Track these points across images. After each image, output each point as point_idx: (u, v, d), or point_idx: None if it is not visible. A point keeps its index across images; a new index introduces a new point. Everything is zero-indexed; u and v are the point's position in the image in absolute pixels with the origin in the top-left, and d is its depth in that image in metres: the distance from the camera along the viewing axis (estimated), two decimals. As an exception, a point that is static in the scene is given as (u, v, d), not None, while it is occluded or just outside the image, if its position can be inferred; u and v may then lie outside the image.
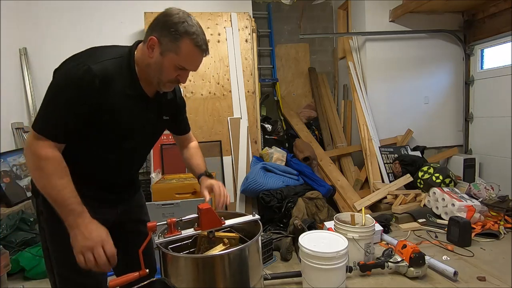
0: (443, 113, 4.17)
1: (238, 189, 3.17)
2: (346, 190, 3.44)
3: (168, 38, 1.00)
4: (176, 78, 1.08)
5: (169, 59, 1.02)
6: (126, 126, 1.08)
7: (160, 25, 1.02)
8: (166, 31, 1.00)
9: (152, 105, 1.15)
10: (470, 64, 4.08)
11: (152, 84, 1.09)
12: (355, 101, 3.99)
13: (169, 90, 1.15)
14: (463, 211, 2.74)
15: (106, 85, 0.97)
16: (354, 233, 2.12)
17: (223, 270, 1.04)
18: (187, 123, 1.43)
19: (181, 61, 1.03)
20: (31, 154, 0.95)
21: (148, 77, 1.07)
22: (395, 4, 3.89)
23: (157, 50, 1.02)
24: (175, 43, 1.00)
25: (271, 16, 4.48)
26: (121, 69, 1.02)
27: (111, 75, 0.99)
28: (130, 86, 1.05)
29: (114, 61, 1.01)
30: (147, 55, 1.04)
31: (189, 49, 1.02)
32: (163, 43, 1.01)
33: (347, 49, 4.24)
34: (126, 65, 1.04)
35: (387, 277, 2.08)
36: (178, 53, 1.01)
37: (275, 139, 3.89)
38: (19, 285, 2.18)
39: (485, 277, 2.03)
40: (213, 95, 3.30)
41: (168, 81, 1.07)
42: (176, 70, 1.05)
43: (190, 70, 1.09)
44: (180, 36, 1.00)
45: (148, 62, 1.04)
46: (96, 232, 0.96)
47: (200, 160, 1.39)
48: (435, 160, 3.93)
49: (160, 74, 1.05)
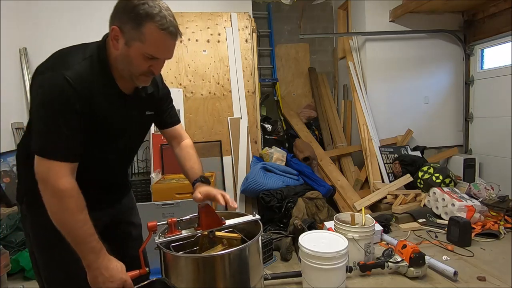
0: (443, 113, 4.17)
1: (238, 189, 3.16)
2: (346, 190, 3.44)
3: (129, 25, 0.89)
4: (149, 70, 0.97)
5: (135, 48, 0.92)
6: (110, 126, 1.02)
7: (119, 12, 0.91)
8: (126, 17, 0.89)
9: (133, 102, 1.07)
10: (470, 64, 4.08)
11: (126, 77, 1.00)
12: (355, 101, 3.99)
13: (146, 84, 1.04)
14: (463, 211, 2.74)
15: (85, 89, 0.91)
16: (354, 233, 2.12)
17: (223, 270, 1.03)
18: (175, 114, 1.30)
19: (148, 49, 0.92)
20: (49, 189, 0.89)
21: (121, 72, 0.99)
22: (395, 4, 3.89)
23: (122, 41, 0.92)
24: (138, 29, 0.89)
25: (271, 16, 4.48)
26: (93, 69, 0.95)
27: (85, 78, 0.92)
28: (106, 85, 0.98)
29: (84, 63, 0.94)
30: (113, 47, 0.95)
31: (155, 35, 0.90)
32: (125, 32, 0.90)
33: (347, 49, 4.24)
34: (97, 64, 0.96)
35: (387, 277, 2.08)
36: (144, 41, 0.90)
37: (275, 139, 3.89)
38: (19, 285, 2.17)
39: (485, 277, 2.03)
40: (213, 95, 3.30)
41: (140, 74, 0.97)
42: (146, 61, 0.94)
43: (162, 58, 0.98)
44: (142, 20, 0.88)
45: (115, 55, 0.95)
46: (116, 272, 0.94)
47: (194, 163, 1.25)
48: (435, 160, 3.93)
49: (130, 67, 0.95)
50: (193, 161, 1.26)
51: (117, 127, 1.04)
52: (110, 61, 0.98)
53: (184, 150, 1.29)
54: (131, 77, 0.98)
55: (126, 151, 1.17)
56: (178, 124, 1.31)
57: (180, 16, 3.30)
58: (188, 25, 3.31)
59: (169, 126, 1.28)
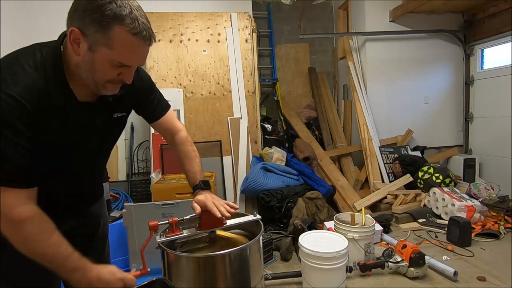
0: (443, 113, 4.18)
1: (238, 189, 3.17)
2: (346, 190, 3.44)
3: (93, 28, 0.76)
4: (119, 78, 0.86)
5: (101, 54, 0.79)
6: (70, 139, 0.92)
7: (79, 11, 0.78)
8: (89, 17, 0.76)
9: (95, 109, 0.95)
10: (470, 64, 4.08)
11: (89, 85, 0.87)
12: (355, 101, 3.99)
13: (114, 92, 0.91)
14: (463, 211, 2.74)
15: (36, 105, 0.79)
16: (354, 233, 2.11)
17: (224, 270, 1.04)
18: (162, 102, 1.17)
19: (116, 56, 0.80)
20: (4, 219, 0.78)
21: (83, 80, 0.86)
22: (395, 4, 3.89)
23: (84, 45, 0.79)
24: (104, 33, 0.76)
25: (271, 16, 4.48)
26: (47, 80, 0.82)
27: (37, 91, 0.80)
28: (62, 97, 0.86)
29: (36, 73, 0.81)
30: (72, 52, 0.81)
31: (124, 40, 0.78)
32: (88, 35, 0.77)
33: (347, 49, 4.24)
34: (51, 73, 0.83)
35: (387, 277, 2.08)
36: (111, 46, 0.78)
37: (275, 139, 3.89)
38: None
39: (485, 277, 2.03)
40: (213, 95, 3.30)
41: (107, 82, 0.86)
42: (115, 68, 0.83)
43: (134, 66, 0.86)
44: (109, 23, 0.75)
45: (76, 61, 0.83)
46: (110, 276, 0.87)
47: (193, 165, 1.18)
48: (435, 160, 3.93)
49: (94, 75, 0.83)
50: (192, 163, 1.19)
51: (77, 139, 0.94)
52: (70, 67, 0.85)
53: (180, 147, 1.21)
54: (96, 86, 0.86)
55: (93, 158, 1.07)
56: (167, 113, 1.19)
57: (180, 16, 3.30)
58: (188, 25, 3.31)
59: (158, 118, 1.18)
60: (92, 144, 1.00)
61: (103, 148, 1.09)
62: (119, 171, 3.40)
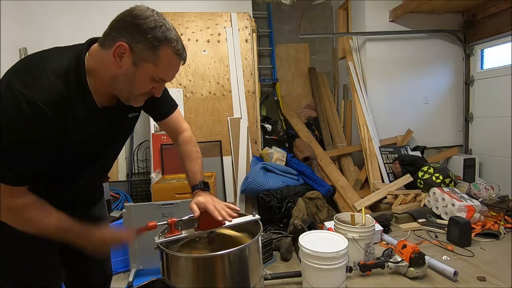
0: (443, 113, 4.17)
1: (238, 189, 3.16)
2: (346, 190, 3.44)
3: (143, 46, 0.83)
4: (151, 91, 0.93)
5: (145, 70, 0.86)
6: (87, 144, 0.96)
7: (130, 28, 0.83)
8: (140, 36, 0.83)
9: (113, 113, 0.99)
10: (470, 64, 4.08)
11: (120, 96, 0.93)
12: (355, 101, 3.99)
13: (140, 104, 0.97)
14: (463, 211, 2.74)
15: (57, 113, 0.81)
16: (354, 233, 2.12)
17: (223, 270, 1.04)
18: (169, 101, 1.20)
19: (159, 72, 0.88)
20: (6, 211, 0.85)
21: (113, 90, 0.91)
22: (395, 4, 3.89)
23: (129, 60, 0.84)
24: (153, 52, 0.84)
25: (271, 16, 4.48)
26: (69, 88, 0.84)
27: (60, 100, 0.81)
28: (85, 108, 0.89)
29: (58, 82, 0.82)
30: (113, 64, 0.85)
31: (169, 59, 0.88)
32: (136, 51, 0.84)
33: (347, 49, 4.24)
34: (74, 81, 0.85)
35: (387, 277, 2.08)
36: (157, 64, 0.86)
37: (275, 139, 3.89)
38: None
39: (485, 277, 2.03)
40: (213, 95, 3.30)
41: (141, 95, 0.92)
42: (152, 82, 0.90)
43: (167, 81, 0.95)
44: (160, 43, 0.84)
45: (116, 73, 0.87)
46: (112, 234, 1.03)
47: (194, 165, 1.21)
48: (435, 160, 3.93)
49: (132, 87, 0.89)
50: (194, 163, 1.21)
51: (93, 143, 0.98)
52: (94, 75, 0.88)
53: (183, 146, 1.23)
54: (128, 98, 0.92)
55: (107, 158, 1.11)
56: (174, 112, 1.23)
57: (180, 16, 3.30)
58: (188, 25, 3.31)
59: (165, 117, 1.21)
60: (105, 145, 1.04)
61: (116, 148, 1.13)
62: (119, 171, 3.40)
